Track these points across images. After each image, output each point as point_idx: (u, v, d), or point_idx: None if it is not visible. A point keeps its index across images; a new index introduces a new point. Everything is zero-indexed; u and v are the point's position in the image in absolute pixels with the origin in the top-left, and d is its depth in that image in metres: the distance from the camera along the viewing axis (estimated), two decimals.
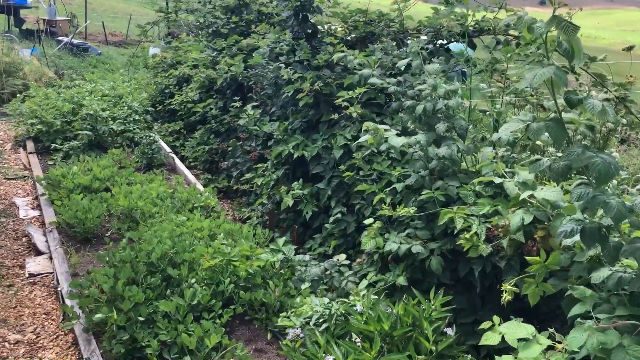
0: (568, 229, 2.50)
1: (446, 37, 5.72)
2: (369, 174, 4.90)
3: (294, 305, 3.75)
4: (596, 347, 2.37)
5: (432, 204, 4.12)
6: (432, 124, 4.30)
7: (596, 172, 2.28)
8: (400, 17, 6.12)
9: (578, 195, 2.36)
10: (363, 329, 2.80)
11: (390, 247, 3.97)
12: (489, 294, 4.00)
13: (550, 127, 2.38)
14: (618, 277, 2.59)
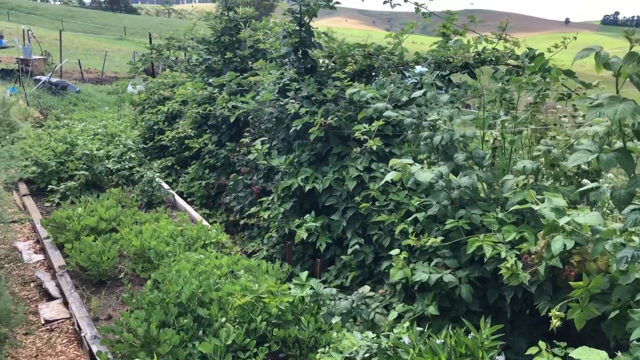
0: (629, 254, 2.60)
1: (448, 68, 5.90)
2: (385, 204, 4.97)
3: (332, 341, 3.76)
4: None
5: (456, 232, 4.20)
6: (450, 154, 4.43)
7: None
8: (400, 50, 6.30)
9: (634, 220, 2.47)
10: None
11: (420, 277, 4.03)
12: (518, 319, 4.07)
13: (619, 158, 2.49)
14: None
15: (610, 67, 2.56)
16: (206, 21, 8.68)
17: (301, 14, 5.77)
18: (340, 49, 6.27)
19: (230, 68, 8.20)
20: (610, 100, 2.45)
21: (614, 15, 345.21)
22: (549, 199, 3.33)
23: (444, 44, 5.76)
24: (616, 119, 2.38)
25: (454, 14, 5.83)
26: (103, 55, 25.45)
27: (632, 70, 2.51)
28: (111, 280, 5.35)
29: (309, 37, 5.89)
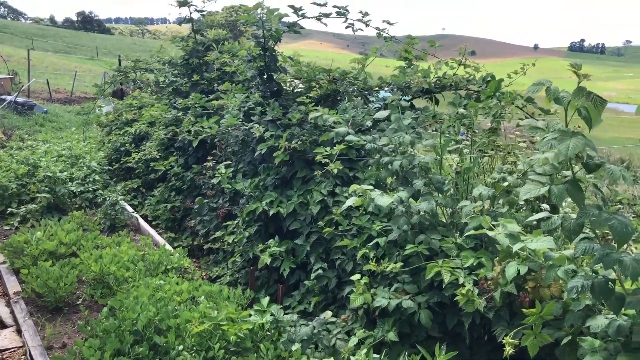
0: (579, 284, 2.64)
1: (410, 93, 5.99)
2: (348, 228, 4.98)
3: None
4: None
5: (416, 257, 4.22)
6: (410, 179, 4.46)
7: (616, 235, 2.43)
8: (364, 76, 6.37)
9: (583, 249, 2.52)
10: None
11: (380, 303, 4.02)
12: (476, 345, 4.09)
13: (569, 190, 2.53)
14: (618, 325, 2.73)
15: (560, 101, 2.63)
16: (173, 43, 8.66)
17: (264, 38, 5.80)
18: (307, 73, 6.32)
19: (197, 90, 8.18)
20: (562, 136, 2.50)
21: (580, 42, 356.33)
22: (504, 225, 3.37)
23: (404, 69, 5.85)
24: (568, 155, 2.42)
25: (414, 39, 5.93)
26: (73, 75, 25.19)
27: (581, 105, 2.58)
28: (68, 306, 5.22)
29: (273, 61, 5.92)
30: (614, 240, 2.46)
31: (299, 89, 6.55)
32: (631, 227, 2.42)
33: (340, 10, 5.70)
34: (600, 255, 2.47)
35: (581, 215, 2.51)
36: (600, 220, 2.43)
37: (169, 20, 67.15)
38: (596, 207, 2.50)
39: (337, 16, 5.80)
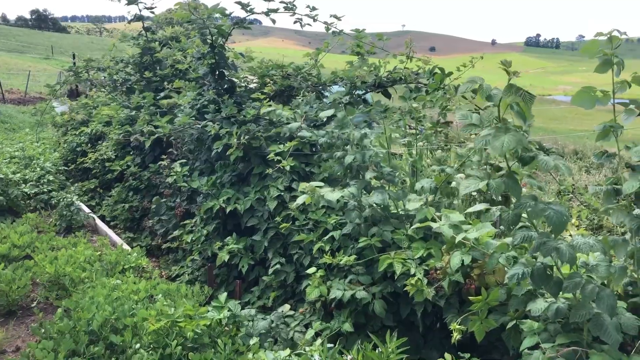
0: (519, 272, 2.77)
1: (362, 87, 6.08)
2: (304, 223, 5.04)
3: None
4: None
5: (369, 250, 4.31)
6: (361, 173, 4.55)
7: (552, 224, 2.55)
8: (318, 71, 6.44)
9: (522, 237, 2.64)
10: None
11: (335, 295, 4.10)
12: (430, 332, 4.21)
13: (507, 183, 2.64)
14: (556, 308, 2.87)
15: (491, 98, 2.74)
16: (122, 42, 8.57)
17: (212, 35, 5.80)
18: (260, 69, 6.34)
19: (151, 89, 8.11)
20: (496, 132, 2.59)
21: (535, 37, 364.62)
22: (447, 215, 3.48)
23: (358, 63, 5.94)
24: (503, 151, 2.52)
25: (361, 32, 6.00)
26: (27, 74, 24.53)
27: (512, 101, 2.69)
28: (22, 309, 5.12)
29: (222, 58, 5.92)
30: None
31: (253, 85, 6.58)
32: (566, 216, 2.55)
33: (288, 5, 5.75)
34: (538, 244, 2.60)
35: (518, 207, 2.62)
36: (537, 210, 2.55)
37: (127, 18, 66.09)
38: (532, 198, 2.61)
39: (284, 11, 5.84)
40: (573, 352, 2.76)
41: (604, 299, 2.64)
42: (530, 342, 2.92)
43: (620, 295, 3.25)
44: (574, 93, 2.98)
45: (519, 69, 3.57)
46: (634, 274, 3.21)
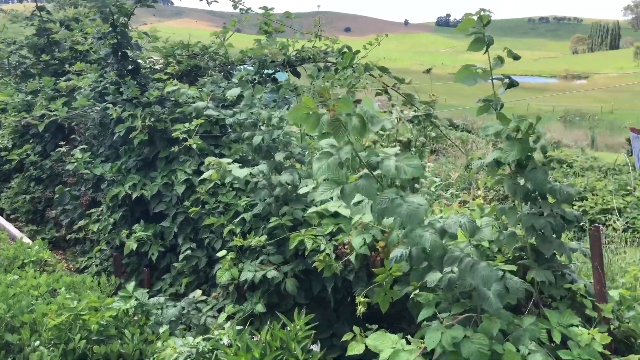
0: (399, 254, 2.87)
1: (271, 66, 6.01)
2: (215, 206, 4.94)
3: (156, 351, 3.65)
4: (450, 342, 2.71)
5: (281, 229, 4.29)
6: (272, 153, 4.51)
7: (405, 218, 2.63)
8: (225, 50, 6.29)
9: (400, 224, 2.72)
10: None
11: (245, 277, 4.06)
12: (342, 306, 4.27)
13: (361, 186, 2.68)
14: (448, 279, 2.98)
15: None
16: (15, 23, 7.99)
17: (112, 14, 5.51)
18: (165, 49, 6.11)
19: (49, 72, 7.62)
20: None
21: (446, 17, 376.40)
22: None
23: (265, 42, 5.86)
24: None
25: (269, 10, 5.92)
26: None
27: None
28: None
29: (125, 38, 5.66)
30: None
31: (159, 66, 6.34)
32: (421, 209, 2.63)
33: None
34: (408, 232, 2.70)
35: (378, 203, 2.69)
36: (392, 207, 2.63)
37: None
38: (392, 193, 2.69)
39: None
40: (467, 319, 2.88)
41: (478, 272, 2.78)
42: (427, 313, 3.02)
43: (513, 259, 3.43)
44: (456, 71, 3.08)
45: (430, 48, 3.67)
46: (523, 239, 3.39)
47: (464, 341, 2.70)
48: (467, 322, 2.88)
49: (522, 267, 3.38)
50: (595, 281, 3.17)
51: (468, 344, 2.70)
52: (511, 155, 3.10)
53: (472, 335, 2.74)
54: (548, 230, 3.22)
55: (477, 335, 2.74)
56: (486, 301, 2.87)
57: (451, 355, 2.78)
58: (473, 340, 2.72)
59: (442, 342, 2.74)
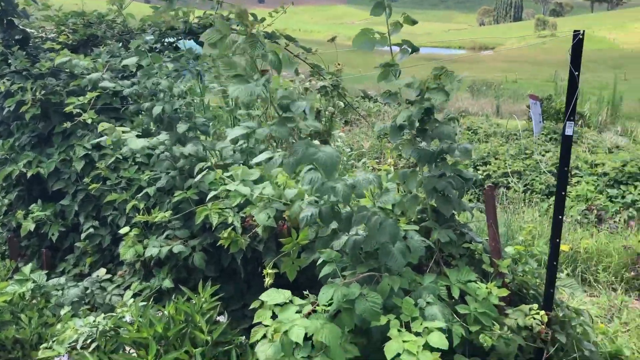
0: (308, 214, 2.85)
1: (172, 35, 5.78)
2: (117, 182, 4.74)
3: (55, 334, 3.48)
4: (341, 299, 2.74)
5: (186, 203, 4.18)
6: (174, 124, 4.35)
7: (322, 166, 2.61)
8: (124, 18, 5.98)
9: (309, 180, 2.70)
10: (136, 337, 2.77)
11: (151, 253, 3.94)
12: (253, 277, 4.24)
13: (275, 130, 2.62)
14: (353, 240, 3.02)
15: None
16: None
17: None
18: (57, 17, 5.72)
19: None
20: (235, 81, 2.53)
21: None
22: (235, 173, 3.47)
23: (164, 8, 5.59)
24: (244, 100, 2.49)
25: None
26: None
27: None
28: None
29: (10, 5, 5.22)
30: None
31: (52, 35, 5.93)
32: (337, 157, 2.63)
33: None
34: (319, 185, 2.69)
35: (293, 153, 2.65)
36: (307, 154, 2.60)
37: None
38: (307, 143, 2.67)
39: None
40: (369, 277, 2.94)
41: (386, 229, 2.83)
42: (329, 269, 3.06)
43: (415, 221, 3.53)
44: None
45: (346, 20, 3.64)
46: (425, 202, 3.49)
47: (358, 298, 2.75)
48: (368, 280, 2.94)
49: (425, 228, 3.49)
50: (490, 238, 3.33)
51: (362, 301, 2.76)
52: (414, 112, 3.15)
53: (368, 293, 2.80)
54: (449, 190, 3.32)
55: (372, 294, 2.80)
56: (391, 258, 2.93)
57: (345, 312, 2.83)
58: (368, 298, 2.78)
59: (334, 298, 2.78)
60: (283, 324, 2.58)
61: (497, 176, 10.16)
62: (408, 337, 2.71)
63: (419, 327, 2.80)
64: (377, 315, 2.76)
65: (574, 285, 3.60)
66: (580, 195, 8.98)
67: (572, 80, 2.99)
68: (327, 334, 2.63)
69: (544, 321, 3.10)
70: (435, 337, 2.73)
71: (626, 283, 6.41)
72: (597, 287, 6.31)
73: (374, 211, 2.98)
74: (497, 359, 3.11)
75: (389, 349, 2.63)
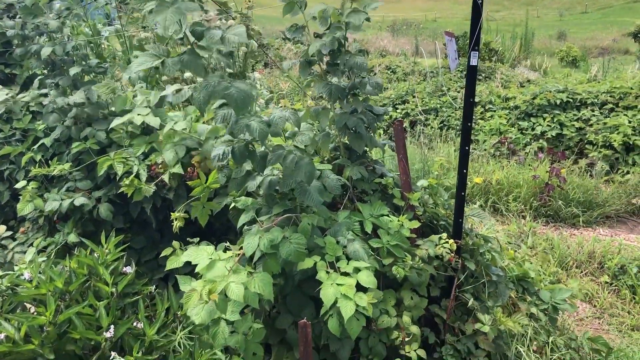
0: (220, 152, 2.69)
1: None
2: (11, 134, 4.38)
3: None
4: (267, 245, 2.68)
5: (87, 154, 3.93)
6: (67, 68, 4.03)
7: (233, 102, 2.44)
8: None
9: (222, 116, 2.54)
10: (34, 294, 2.60)
11: (51, 207, 3.70)
12: (166, 227, 4.10)
13: (186, 61, 2.41)
14: (269, 181, 2.92)
15: None
16: None
17: None
18: None
19: None
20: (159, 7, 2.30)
21: None
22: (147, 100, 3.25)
23: None
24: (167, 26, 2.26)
25: None
26: None
27: None
28: None
29: None
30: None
31: None
32: (250, 93, 2.48)
33: None
34: (232, 122, 2.55)
35: (204, 87, 2.48)
36: (219, 89, 2.44)
37: None
38: (218, 77, 2.50)
39: None
40: (287, 219, 2.89)
41: (302, 167, 2.75)
42: (247, 218, 2.98)
43: (329, 159, 3.48)
44: None
45: None
46: (337, 140, 3.44)
47: (282, 242, 2.70)
48: (286, 222, 2.88)
49: (337, 166, 3.46)
50: (401, 172, 3.33)
51: (287, 244, 2.71)
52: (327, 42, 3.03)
53: (290, 235, 2.75)
54: (360, 126, 3.27)
55: (295, 235, 2.75)
56: (308, 197, 2.87)
57: (270, 257, 2.78)
58: (291, 241, 2.73)
59: (260, 247, 2.71)
60: (217, 283, 2.49)
61: (414, 114, 10.30)
62: (341, 279, 2.68)
63: (346, 266, 2.78)
64: (302, 255, 2.72)
65: (482, 214, 3.71)
66: (493, 129, 9.28)
67: (475, 9, 2.96)
68: (258, 283, 2.58)
69: (453, 249, 3.17)
70: (364, 275, 2.73)
71: (535, 211, 6.76)
72: (507, 216, 6.62)
73: (290, 150, 2.89)
74: (410, 289, 3.18)
75: (325, 296, 2.58)
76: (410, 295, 3.13)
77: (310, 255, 2.84)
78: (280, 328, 3.02)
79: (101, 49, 4.33)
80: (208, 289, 2.49)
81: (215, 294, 2.46)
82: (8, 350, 2.34)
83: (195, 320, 2.45)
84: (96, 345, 2.47)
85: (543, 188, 6.80)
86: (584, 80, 11.45)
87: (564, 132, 8.73)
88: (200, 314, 2.45)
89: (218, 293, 2.47)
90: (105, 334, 2.42)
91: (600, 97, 9.02)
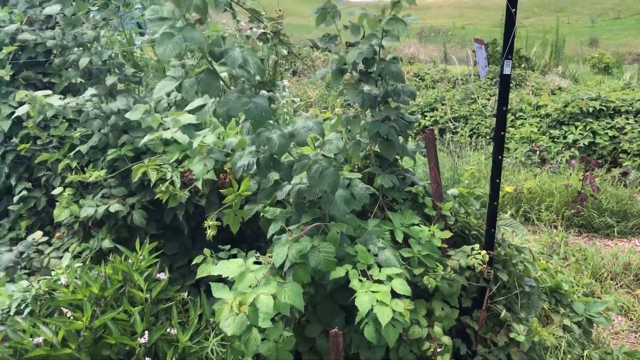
0: (245, 162, 2.72)
1: None
2: (48, 141, 4.49)
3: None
4: (296, 256, 2.70)
5: (122, 161, 4.01)
6: (103, 77, 4.12)
7: (252, 117, 2.48)
8: None
9: (248, 129, 2.58)
10: (71, 299, 2.65)
11: (87, 213, 3.78)
12: (197, 233, 4.15)
13: (202, 80, 2.45)
14: (297, 190, 2.94)
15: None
16: None
17: None
18: None
19: None
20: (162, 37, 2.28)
21: None
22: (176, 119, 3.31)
23: None
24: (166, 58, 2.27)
25: None
26: None
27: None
28: None
29: None
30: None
31: None
32: (267, 109, 2.50)
33: None
34: (254, 135, 2.58)
35: (223, 103, 2.51)
36: (239, 105, 2.47)
37: None
38: (238, 93, 2.53)
39: None
40: (316, 228, 2.90)
41: (326, 177, 2.76)
42: (276, 228, 3.00)
43: (359, 167, 3.49)
44: None
45: None
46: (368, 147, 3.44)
47: (311, 251, 2.71)
48: (315, 231, 2.89)
49: (368, 174, 3.46)
50: (432, 181, 3.32)
51: (315, 253, 2.72)
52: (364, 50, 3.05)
53: (319, 244, 2.76)
54: (392, 134, 3.26)
55: (324, 244, 2.76)
56: (334, 206, 2.88)
57: (300, 267, 2.80)
58: (320, 250, 2.74)
59: (289, 257, 2.73)
60: (247, 295, 2.53)
61: (443, 122, 10.24)
62: (375, 287, 2.68)
63: (378, 274, 2.78)
64: (332, 264, 2.73)
65: (514, 224, 3.66)
66: (524, 137, 9.17)
67: (509, 18, 2.94)
68: (289, 293, 2.60)
69: (486, 260, 3.14)
70: (398, 283, 2.73)
71: (567, 220, 6.64)
72: (539, 226, 6.51)
73: (315, 159, 2.90)
74: (441, 299, 3.15)
75: (361, 303, 2.58)
76: (442, 306, 3.11)
77: (340, 264, 2.85)
78: (309, 336, 3.03)
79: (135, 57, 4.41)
80: (238, 301, 2.51)
81: (246, 305, 2.49)
82: (46, 353, 2.39)
83: (227, 332, 2.48)
84: (131, 351, 2.51)
85: (576, 197, 6.68)
86: (618, 87, 11.23)
87: (597, 141, 8.57)
88: (232, 326, 2.48)
89: (248, 305, 2.50)
90: (139, 340, 2.46)
91: (635, 105, 8.83)
